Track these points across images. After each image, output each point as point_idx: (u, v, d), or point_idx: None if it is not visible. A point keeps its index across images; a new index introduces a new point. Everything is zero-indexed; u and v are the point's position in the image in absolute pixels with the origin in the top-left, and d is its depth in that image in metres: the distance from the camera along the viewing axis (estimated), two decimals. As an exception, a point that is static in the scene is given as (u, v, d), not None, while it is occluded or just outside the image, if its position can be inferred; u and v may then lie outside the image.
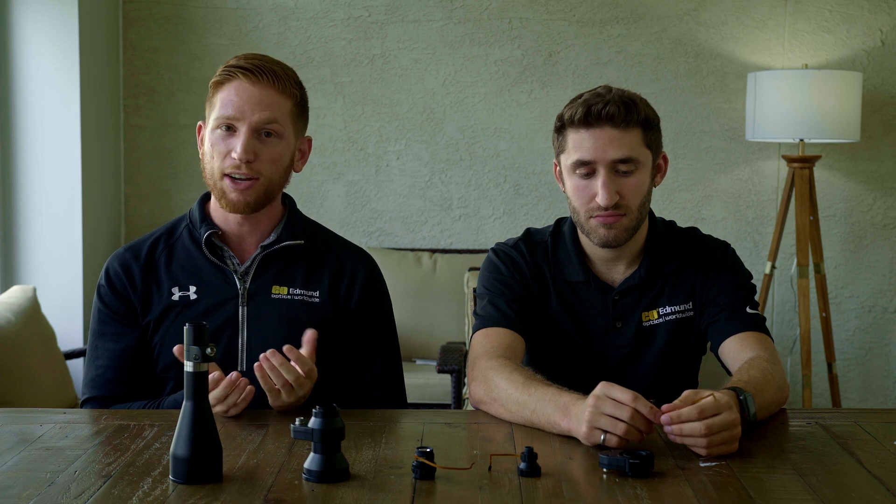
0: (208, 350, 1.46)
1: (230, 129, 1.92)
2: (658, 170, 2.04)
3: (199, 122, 2.03)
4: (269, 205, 1.99)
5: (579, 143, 1.94)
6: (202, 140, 2.00)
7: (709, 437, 1.57)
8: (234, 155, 1.91)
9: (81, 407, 2.02)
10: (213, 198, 2.00)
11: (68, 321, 3.94)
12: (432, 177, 4.40)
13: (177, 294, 1.99)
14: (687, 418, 1.58)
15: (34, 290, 3.59)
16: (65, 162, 3.93)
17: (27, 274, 3.95)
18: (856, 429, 1.77)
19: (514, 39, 4.35)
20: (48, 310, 3.66)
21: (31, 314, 3.48)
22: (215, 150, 1.93)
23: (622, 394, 1.60)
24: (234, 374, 1.79)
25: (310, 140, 2.05)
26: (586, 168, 1.94)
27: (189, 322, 1.48)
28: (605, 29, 4.33)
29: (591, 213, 1.96)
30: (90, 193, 4.03)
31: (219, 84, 1.94)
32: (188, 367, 1.47)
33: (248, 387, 1.80)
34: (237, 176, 1.92)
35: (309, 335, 1.86)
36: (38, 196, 3.93)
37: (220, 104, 1.93)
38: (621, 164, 1.93)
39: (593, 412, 1.61)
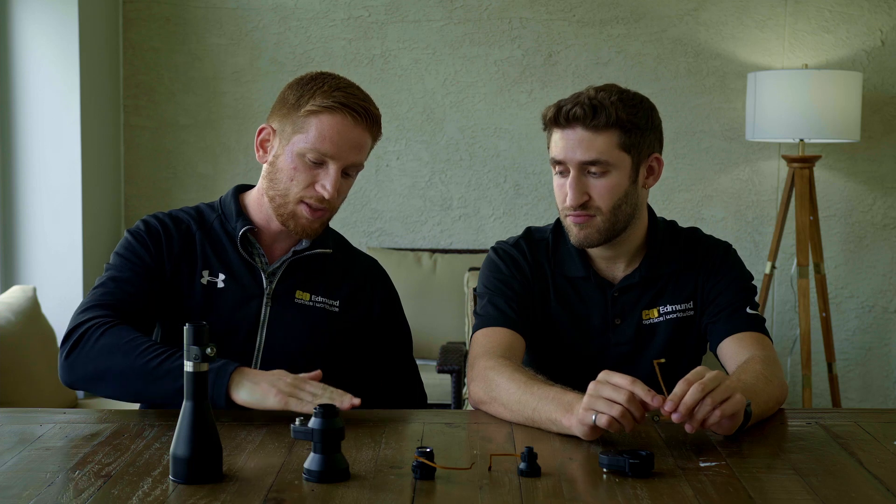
0: (208, 350, 1.46)
1: (321, 162, 1.91)
2: (650, 172, 2.01)
3: (268, 126, 1.97)
4: None
5: (555, 142, 1.97)
6: (270, 148, 1.95)
7: (711, 393, 1.59)
8: (321, 190, 1.91)
9: (81, 315, 1.93)
10: (255, 195, 2.01)
11: (68, 321, 3.93)
12: (432, 177, 4.40)
13: (206, 278, 1.97)
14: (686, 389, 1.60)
15: (34, 289, 3.59)
16: (65, 162, 3.93)
17: (27, 274, 3.95)
18: (856, 429, 1.77)
19: (514, 39, 4.35)
20: (48, 310, 3.65)
21: (31, 314, 3.48)
22: (298, 175, 1.91)
23: (621, 378, 1.62)
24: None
25: None
26: (561, 167, 1.97)
27: (189, 322, 1.48)
28: (605, 29, 4.33)
29: (565, 211, 1.98)
30: (90, 193, 4.02)
31: (317, 112, 1.90)
32: (188, 367, 1.46)
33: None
34: (315, 206, 1.93)
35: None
36: (38, 196, 3.93)
37: (318, 136, 1.89)
38: (591, 166, 1.93)
39: (591, 395, 1.62)
